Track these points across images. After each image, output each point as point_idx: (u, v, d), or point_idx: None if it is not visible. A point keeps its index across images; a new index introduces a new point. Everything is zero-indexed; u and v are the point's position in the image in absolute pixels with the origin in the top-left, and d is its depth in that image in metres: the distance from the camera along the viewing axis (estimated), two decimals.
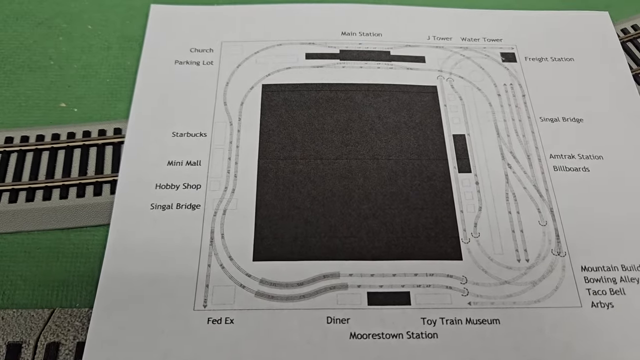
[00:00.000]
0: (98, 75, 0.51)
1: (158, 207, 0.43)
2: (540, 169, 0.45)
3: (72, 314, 0.40)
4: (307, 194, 0.44)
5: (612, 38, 0.53)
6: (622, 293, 0.40)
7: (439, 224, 0.43)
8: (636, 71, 0.51)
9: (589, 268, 0.41)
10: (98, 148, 0.46)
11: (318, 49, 0.51)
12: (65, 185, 0.45)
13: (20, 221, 0.44)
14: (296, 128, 0.47)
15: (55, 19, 0.55)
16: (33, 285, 0.42)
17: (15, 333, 0.39)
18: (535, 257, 0.41)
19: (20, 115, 0.49)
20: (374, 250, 0.41)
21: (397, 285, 0.40)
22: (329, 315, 0.39)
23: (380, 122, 0.47)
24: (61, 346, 0.39)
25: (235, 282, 0.40)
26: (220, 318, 0.38)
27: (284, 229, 0.42)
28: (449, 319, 0.39)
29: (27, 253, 0.43)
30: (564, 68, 0.51)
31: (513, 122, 0.47)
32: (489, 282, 0.40)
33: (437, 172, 0.45)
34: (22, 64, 0.52)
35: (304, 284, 0.40)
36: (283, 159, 0.45)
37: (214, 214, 0.43)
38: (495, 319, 0.39)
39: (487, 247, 0.42)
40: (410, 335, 0.38)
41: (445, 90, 0.49)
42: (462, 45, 0.52)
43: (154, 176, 0.44)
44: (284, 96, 0.48)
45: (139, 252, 0.41)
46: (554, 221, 0.43)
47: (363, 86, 0.49)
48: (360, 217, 0.43)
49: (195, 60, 0.50)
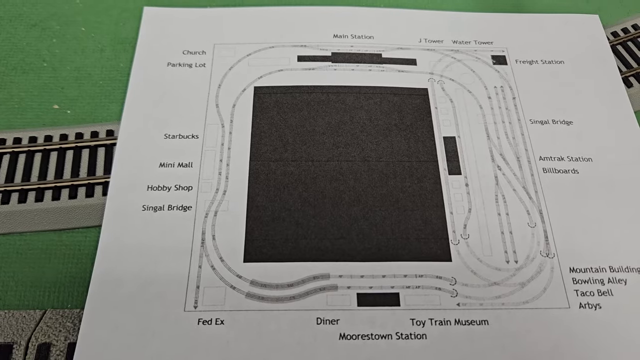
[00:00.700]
0: (91, 77, 0.51)
1: (150, 209, 0.43)
2: (530, 171, 0.45)
3: (64, 314, 0.40)
4: (298, 195, 0.44)
5: (602, 41, 0.53)
6: (609, 294, 0.40)
7: (428, 226, 0.43)
8: (626, 74, 0.52)
9: (577, 269, 0.41)
10: (90, 150, 0.47)
11: (310, 52, 0.51)
12: (58, 186, 0.45)
13: (12, 222, 0.44)
14: (287, 130, 0.47)
15: (49, 21, 0.55)
16: (25, 286, 0.42)
17: (7, 334, 0.39)
18: (524, 259, 0.42)
19: (13, 117, 0.49)
20: (364, 252, 0.42)
21: (386, 286, 0.40)
22: (318, 316, 0.39)
23: (371, 124, 0.47)
24: (52, 347, 0.39)
25: (225, 284, 0.40)
26: (211, 319, 0.39)
27: (274, 230, 0.42)
28: (438, 320, 0.39)
29: (19, 254, 0.43)
30: (554, 71, 0.51)
31: (503, 125, 0.48)
32: (478, 284, 0.41)
33: (427, 174, 0.45)
34: (15, 66, 0.52)
35: (294, 285, 0.40)
36: (274, 161, 0.45)
37: (205, 215, 0.43)
38: (484, 320, 0.39)
39: (476, 248, 0.42)
40: (399, 336, 0.38)
41: (436, 92, 0.49)
42: (453, 48, 0.52)
43: (146, 178, 0.44)
44: (276, 98, 0.48)
45: (130, 253, 0.41)
46: (543, 223, 0.43)
47: (354, 88, 0.49)
48: (350, 218, 0.43)
49: (187, 63, 0.50)
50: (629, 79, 0.52)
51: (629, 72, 0.52)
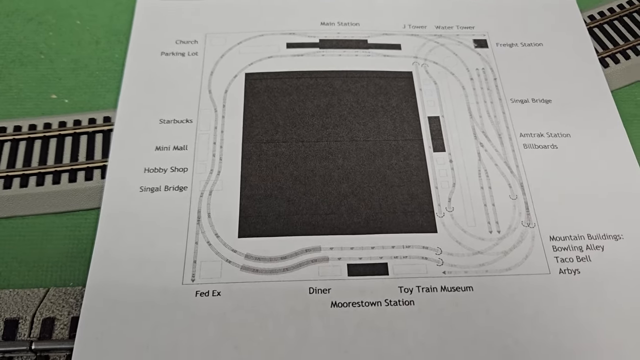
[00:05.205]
0: (87, 68, 0.53)
1: (147, 190, 0.45)
2: (511, 147, 0.47)
3: (66, 292, 0.42)
4: (290, 174, 0.46)
5: (579, 24, 0.55)
6: (587, 260, 0.42)
7: (414, 200, 0.45)
8: (602, 54, 0.54)
9: (556, 238, 0.43)
10: (88, 136, 0.48)
11: (298, 39, 0.53)
12: (58, 171, 0.46)
13: (14, 206, 0.45)
14: (278, 113, 0.49)
15: (45, 15, 0.56)
16: (28, 267, 0.43)
17: (12, 310, 0.41)
18: (506, 229, 0.44)
19: (12, 107, 0.51)
20: (353, 226, 0.43)
21: (375, 257, 0.42)
22: (311, 286, 0.41)
23: (358, 106, 0.49)
24: (56, 321, 0.40)
25: (221, 258, 0.42)
26: (208, 291, 0.40)
27: (267, 207, 0.44)
28: (424, 287, 0.41)
29: (21, 237, 0.45)
30: (534, 53, 0.53)
31: (485, 104, 0.50)
32: (462, 253, 0.42)
33: (412, 151, 0.47)
34: (13, 59, 0.54)
35: (287, 257, 0.42)
36: (266, 143, 0.47)
37: (200, 194, 0.45)
38: (469, 286, 0.41)
39: (460, 220, 0.44)
40: (388, 302, 0.40)
41: (421, 75, 0.51)
42: (437, 33, 0.54)
43: (143, 161, 0.46)
44: (266, 84, 0.50)
45: (129, 232, 0.43)
46: (524, 195, 0.45)
47: (342, 73, 0.51)
48: (340, 195, 0.45)
49: (180, 52, 0.52)
50: (605, 59, 0.54)
51: (605, 53, 0.54)
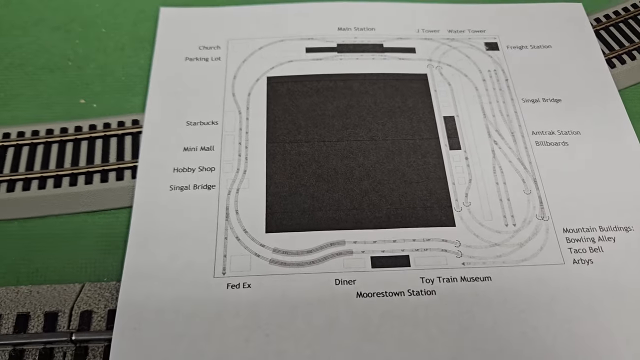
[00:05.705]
0: (114, 74, 0.55)
1: (176, 189, 0.47)
2: (524, 144, 0.50)
3: (102, 287, 0.44)
4: (313, 172, 0.48)
5: (586, 27, 0.58)
6: (600, 250, 0.44)
7: (433, 196, 0.47)
8: (608, 56, 0.56)
9: (570, 230, 0.45)
10: (118, 138, 0.50)
11: (317, 44, 0.55)
12: (90, 171, 0.48)
13: (49, 206, 0.47)
14: (300, 115, 0.51)
15: (71, 23, 0.59)
16: (63, 264, 0.45)
17: (51, 304, 0.43)
18: (522, 222, 0.46)
19: (43, 112, 0.53)
20: (375, 220, 0.45)
21: (397, 250, 0.44)
22: (337, 278, 0.43)
23: (376, 107, 0.51)
24: (94, 314, 0.42)
25: (250, 252, 0.44)
26: (239, 283, 0.42)
27: (292, 203, 0.46)
28: (445, 278, 0.43)
29: (56, 235, 0.46)
30: (543, 54, 0.55)
31: (498, 104, 0.52)
32: (480, 245, 0.44)
33: (430, 150, 0.49)
34: (42, 66, 0.56)
35: (313, 251, 0.44)
36: (289, 142, 0.49)
37: (228, 192, 0.47)
38: (487, 277, 0.43)
39: (477, 214, 0.46)
40: (411, 292, 0.42)
41: (435, 77, 0.53)
42: (449, 36, 0.56)
43: (172, 161, 0.48)
44: (288, 87, 0.52)
45: (161, 229, 0.45)
46: (537, 190, 0.47)
47: (359, 76, 0.53)
48: (361, 191, 0.47)
49: (204, 57, 0.54)
50: (612, 60, 0.56)
51: (611, 54, 0.56)
